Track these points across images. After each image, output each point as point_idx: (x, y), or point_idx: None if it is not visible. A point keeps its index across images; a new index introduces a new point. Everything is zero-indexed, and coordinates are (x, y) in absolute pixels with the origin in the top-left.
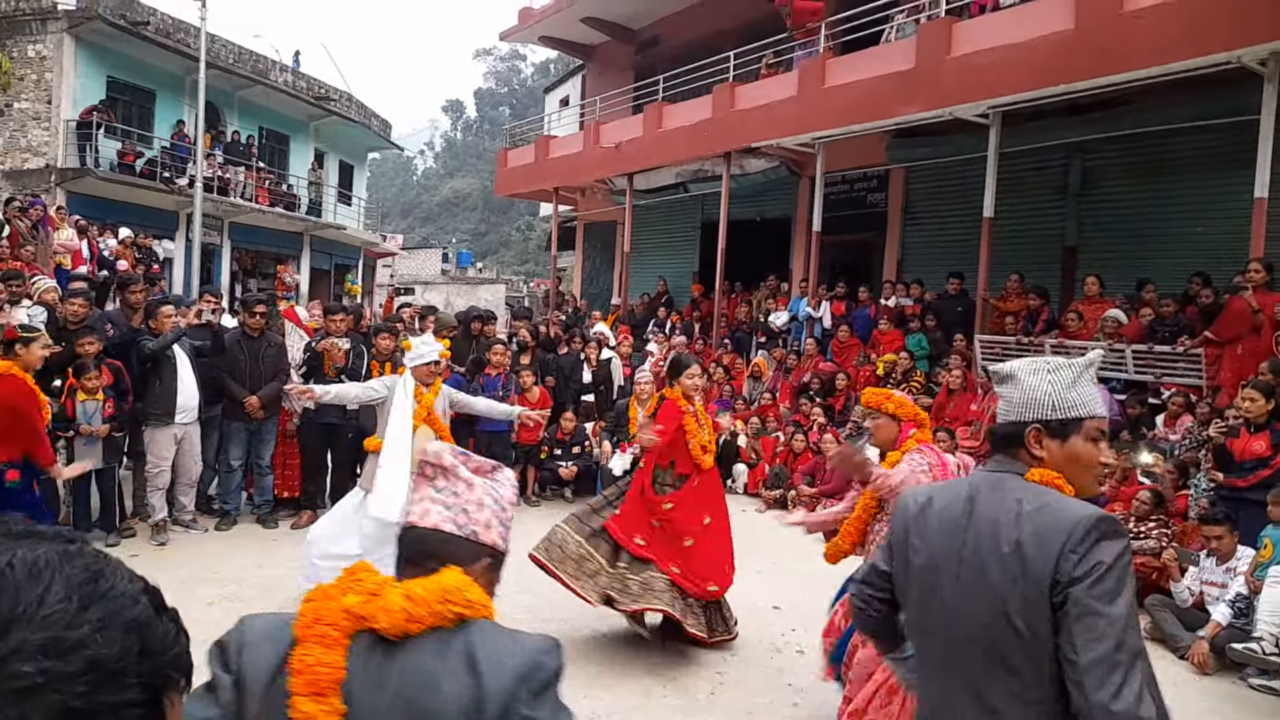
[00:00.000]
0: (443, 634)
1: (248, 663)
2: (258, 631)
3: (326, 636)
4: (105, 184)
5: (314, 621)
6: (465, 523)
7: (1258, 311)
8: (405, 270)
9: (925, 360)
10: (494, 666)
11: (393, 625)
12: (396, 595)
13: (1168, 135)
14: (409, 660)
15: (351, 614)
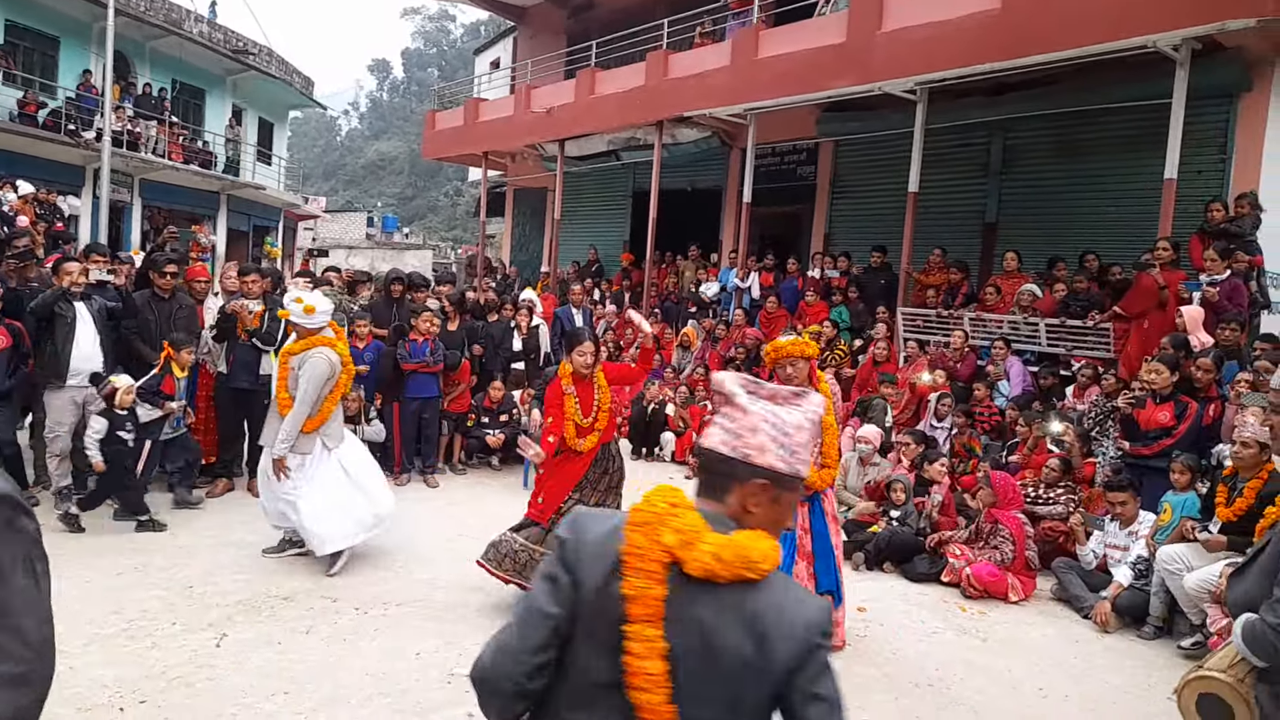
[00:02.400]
0: (740, 589)
1: (585, 568)
2: (592, 538)
3: (650, 571)
4: (4, 135)
5: (641, 554)
6: (738, 446)
7: (1164, 288)
8: (328, 234)
9: (848, 332)
10: (778, 636)
11: (700, 573)
12: (707, 552)
13: (1085, 117)
14: (708, 601)
15: (670, 552)
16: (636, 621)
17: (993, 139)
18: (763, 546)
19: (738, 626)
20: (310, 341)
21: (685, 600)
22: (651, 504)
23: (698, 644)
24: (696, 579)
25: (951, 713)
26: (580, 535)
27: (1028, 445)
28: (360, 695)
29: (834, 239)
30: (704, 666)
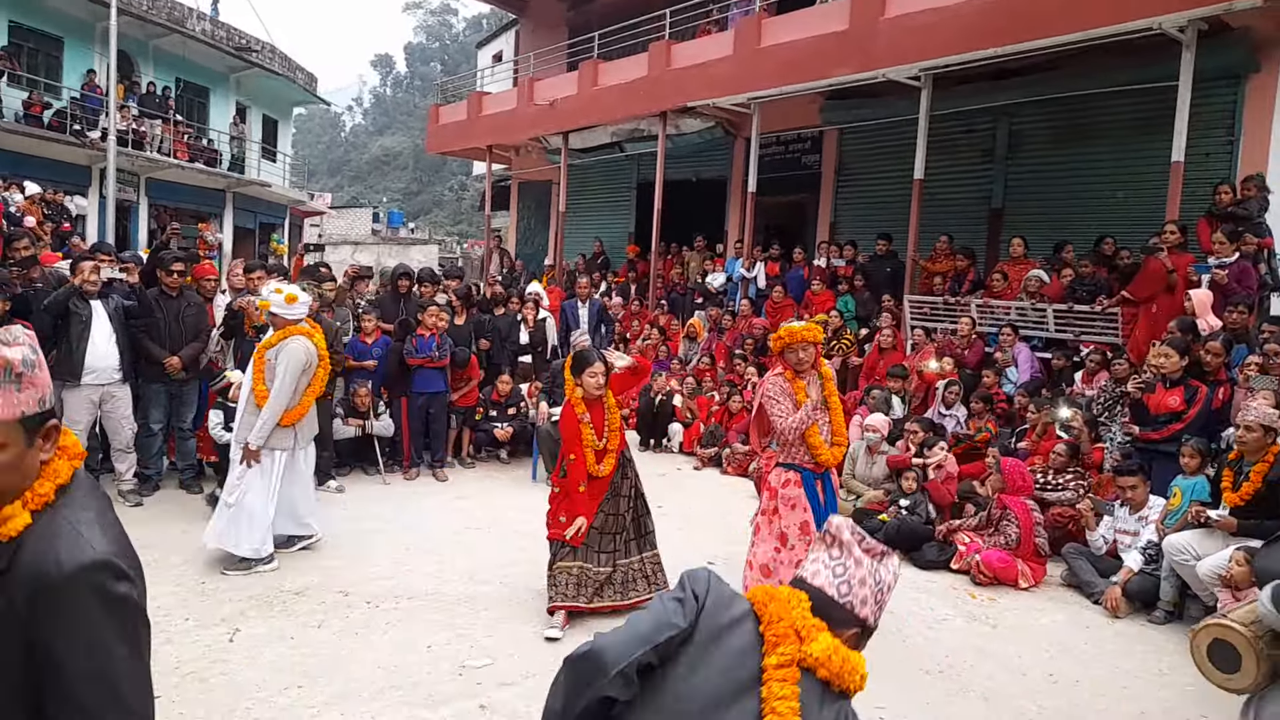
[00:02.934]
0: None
1: (709, 607)
2: (719, 596)
3: (787, 679)
4: (10, 136)
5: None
6: (847, 593)
7: (1172, 272)
8: (334, 230)
9: (854, 321)
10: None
11: (836, 684)
12: (837, 659)
13: (1091, 100)
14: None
15: (801, 663)
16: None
17: (998, 124)
18: (858, 661)
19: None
20: (287, 331)
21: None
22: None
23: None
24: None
25: (962, 700)
26: (711, 586)
27: (1036, 431)
28: (372, 688)
29: (840, 228)
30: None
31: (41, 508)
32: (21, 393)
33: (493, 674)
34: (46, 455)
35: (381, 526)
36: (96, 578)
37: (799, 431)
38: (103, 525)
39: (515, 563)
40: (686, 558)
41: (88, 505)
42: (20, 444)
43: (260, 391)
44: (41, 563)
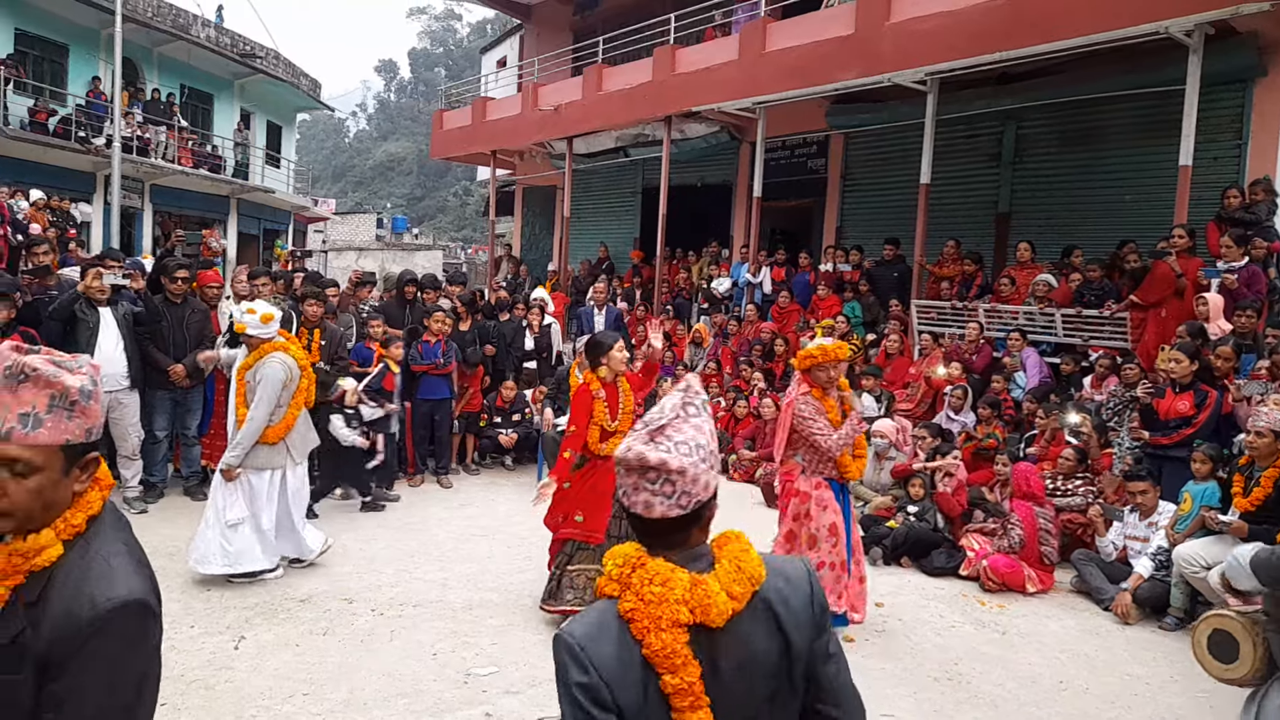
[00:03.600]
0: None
1: (622, 697)
2: (608, 661)
3: (679, 661)
4: (16, 143)
5: (662, 649)
6: (689, 502)
7: (1181, 276)
8: (338, 236)
9: (861, 326)
10: (793, 621)
11: (724, 619)
12: (721, 596)
13: (1098, 104)
14: (729, 634)
15: (685, 626)
16: (684, 711)
17: (1004, 128)
18: (748, 554)
19: (761, 628)
20: (262, 350)
21: (714, 647)
22: (632, 589)
23: (735, 671)
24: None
25: (971, 706)
26: (598, 666)
27: (1045, 436)
28: (378, 696)
29: (846, 232)
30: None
31: (73, 538)
32: (71, 421)
33: (498, 681)
34: (81, 487)
35: (386, 533)
36: (128, 619)
37: (843, 448)
38: (133, 559)
39: (520, 570)
40: None
41: (117, 537)
42: (58, 471)
43: (242, 415)
44: (75, 599)
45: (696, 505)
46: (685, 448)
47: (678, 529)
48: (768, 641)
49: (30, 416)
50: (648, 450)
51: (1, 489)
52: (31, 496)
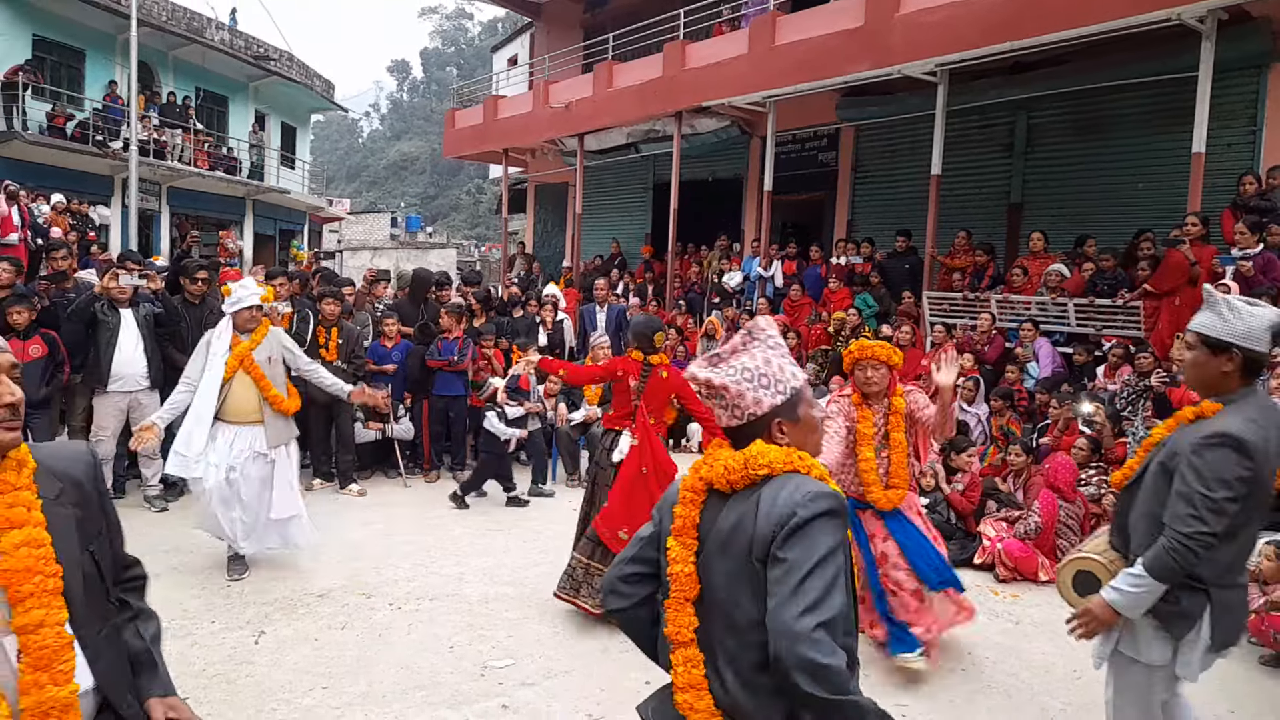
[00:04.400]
0: (752, 488)
1: (664, 512)
2: (671, 490)
3: (689, 499)
4: (35, 148)
5: (685, 487)
6: (740, 415)
7: (1195, 264)
8: (353, 235)
9: (874, 319)
10: (764, 515)
11: (719, 485)
12: (719, 466)
13: (1109, 93)
14: (728, 507)
15: (703, 479)
16: (674, 535)
17: (1015, 118)
18: (765, 451)
19: (749, 514)
20: (264, 328)
21: (719, 511)
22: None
23: (723, 539)
24: (727, 492)
25: (984, 696)
26: (667, 492)
27: (1058, 426)
28: (396, 689)
29: (857, 225)
30: (723, 554)
31: None
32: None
33: (515, 674)
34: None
35: (403, 529)
36: None
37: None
38: None
39: (536, 564)
40: None
41: None
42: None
43: (276, 396)
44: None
45: (749, 417)
46: (732, 370)
47: (739, 437)
48: (747, 526)
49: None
50: (698, 370)
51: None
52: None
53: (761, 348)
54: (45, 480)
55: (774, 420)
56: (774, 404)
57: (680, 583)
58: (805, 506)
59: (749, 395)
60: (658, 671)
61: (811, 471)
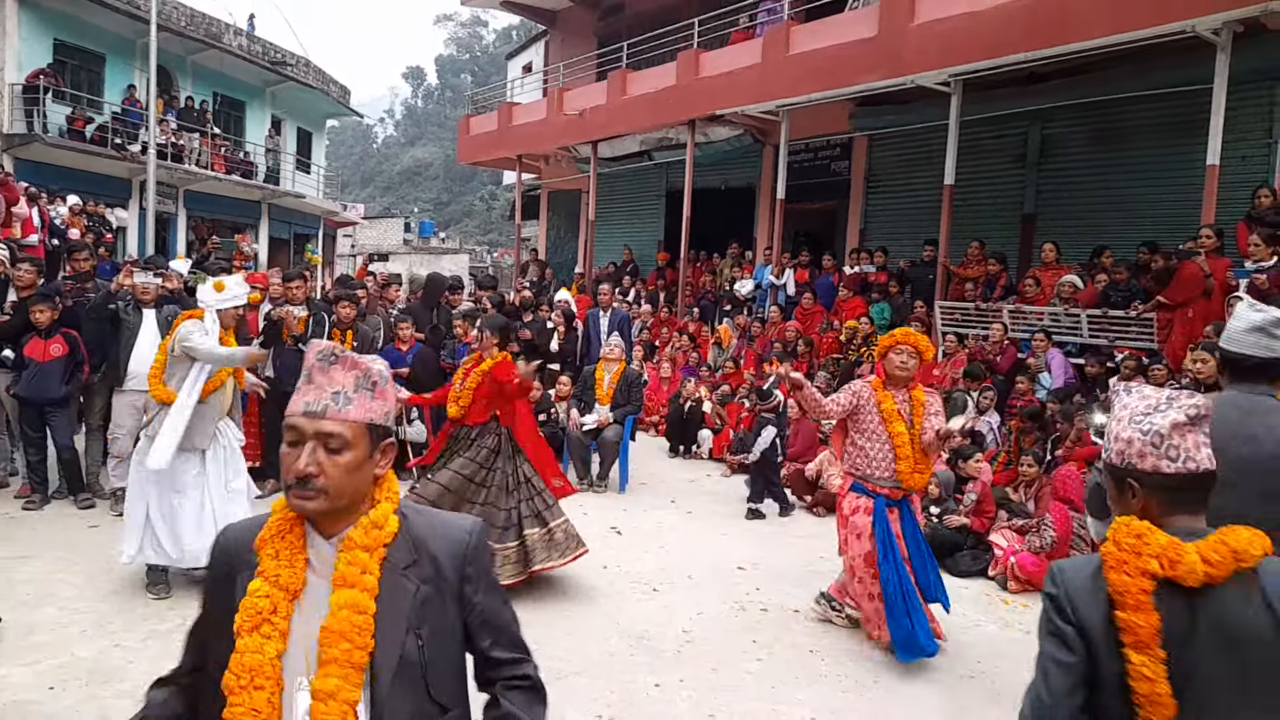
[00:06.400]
0: (1240, 578)
1: (1083, 615)
2: (1079, 585)
3: (1141, 603)
4: (54, 150)
5: (1124, 589)
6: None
7: (1209, 276)
8: (367, 240)
9: (885, 328)
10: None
11: (1193, 581)
12: (1195, 559)
13: (1124, 104)
14: (1213, 601)
15: (1154, 576)
16: (1136, 649)
17: (1029, 129)
18: (1252, 538)
19: (1253, 607)
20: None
21: (1188, 611)
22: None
23: (1222, 643)
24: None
25: (994, 705)
26: (1069, 589)
27: (1070, 437)
28: None
29: (870, 234)
30: (1230, 668)
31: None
32: (374, 401)
33: None
34: (380, 471)
35: None
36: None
37: (824, 414)
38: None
39: None
40: (717, 564)
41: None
42: (365, 450)
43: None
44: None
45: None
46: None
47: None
48: (1258, 622)
49: (341, 394)
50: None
51: (319, 465)
52: (344, 472)
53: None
54: (402, 548)
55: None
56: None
57: (1160, 706)
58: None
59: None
60: (668, 673)
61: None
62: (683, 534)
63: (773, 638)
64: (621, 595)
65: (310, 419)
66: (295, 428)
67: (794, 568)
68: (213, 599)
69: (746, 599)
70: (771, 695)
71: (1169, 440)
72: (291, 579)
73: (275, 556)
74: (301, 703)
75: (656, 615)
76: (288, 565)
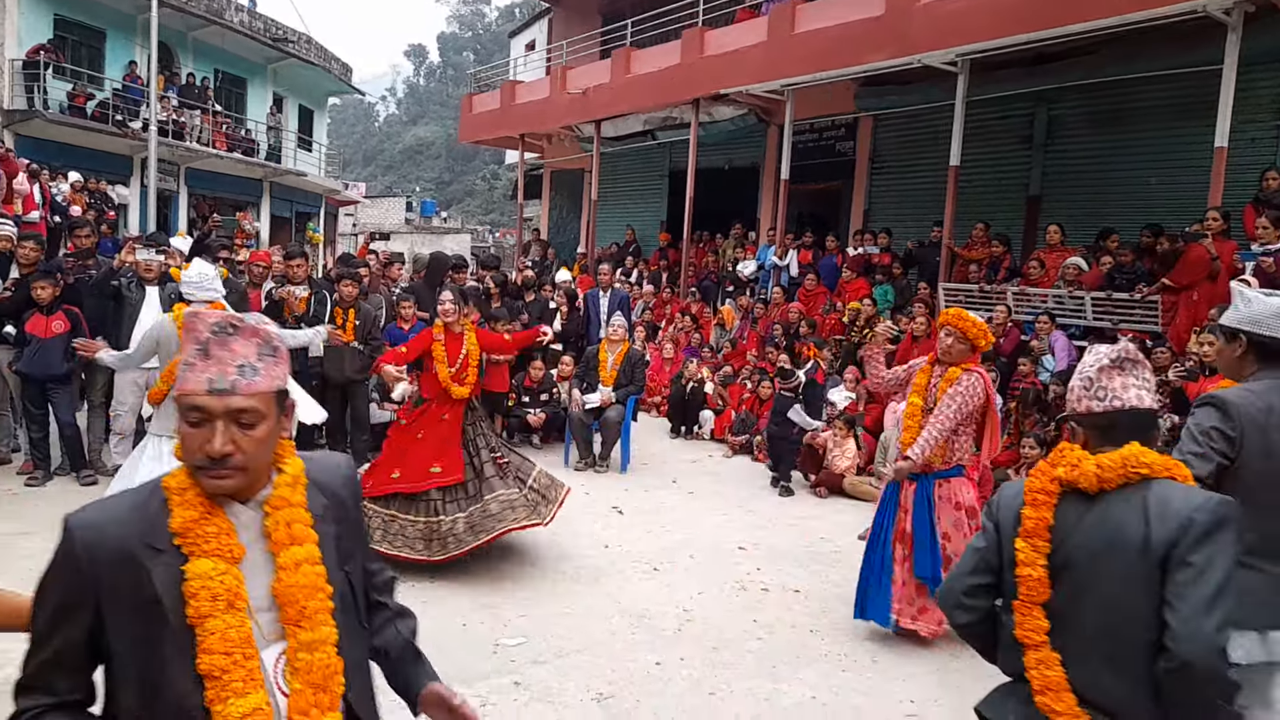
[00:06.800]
0: (1127, 489)
1: (1001, 514)
2: (1009, 493)
3: (1040, 501)
4: (55, 127)
5: (1033, 490)
6: (1154, 399)
7: (1215, 259)
8: (368, 219)
9: (887, 311)
10: (1157, 516)
11: (1089, 485)
12: (1091, 464)
13: (1132, 85)
14: (1100, 509)
15: (1059, 480)
16: (1023, 537)
17: (1036, 110)
18: (1144, 452)
19: (1134, 516)
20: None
21: (1083, 512)
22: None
23: (1103, 540)
24: (1093, 493)
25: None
26: (1000, 498)
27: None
28: None
29: (874, 215)
30: (1106, 555)
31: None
32: (277, 366)
33: (526, 652)
34: (285, 433)
35: None
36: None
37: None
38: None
39: (549, 545)
40: (718, 544)
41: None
42: (275, 418)
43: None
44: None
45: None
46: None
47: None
48: (1133, 531)
49: (247, 367)
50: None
51: (235, 443)
52: (258, 445)
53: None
54: (313, 496)
55: (1156, 417)
56: (1153, 407)
57: (1030, 586)
58: (1208, 512)
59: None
60: (669, 652)
61: (1188, 480)
62: (684, 514)
63: (774, 617)
64: (623, 574)
65: (218, 396)
66: (200, 408)
67: (795, 548)
68: (108, 601)
69: (747, 579)
70: (772, 674)
71: (1098, 382)
72: (235, 550)
73: (206, 538)
74: (269, 660)
75: (657, 594)
76: (226, 536)
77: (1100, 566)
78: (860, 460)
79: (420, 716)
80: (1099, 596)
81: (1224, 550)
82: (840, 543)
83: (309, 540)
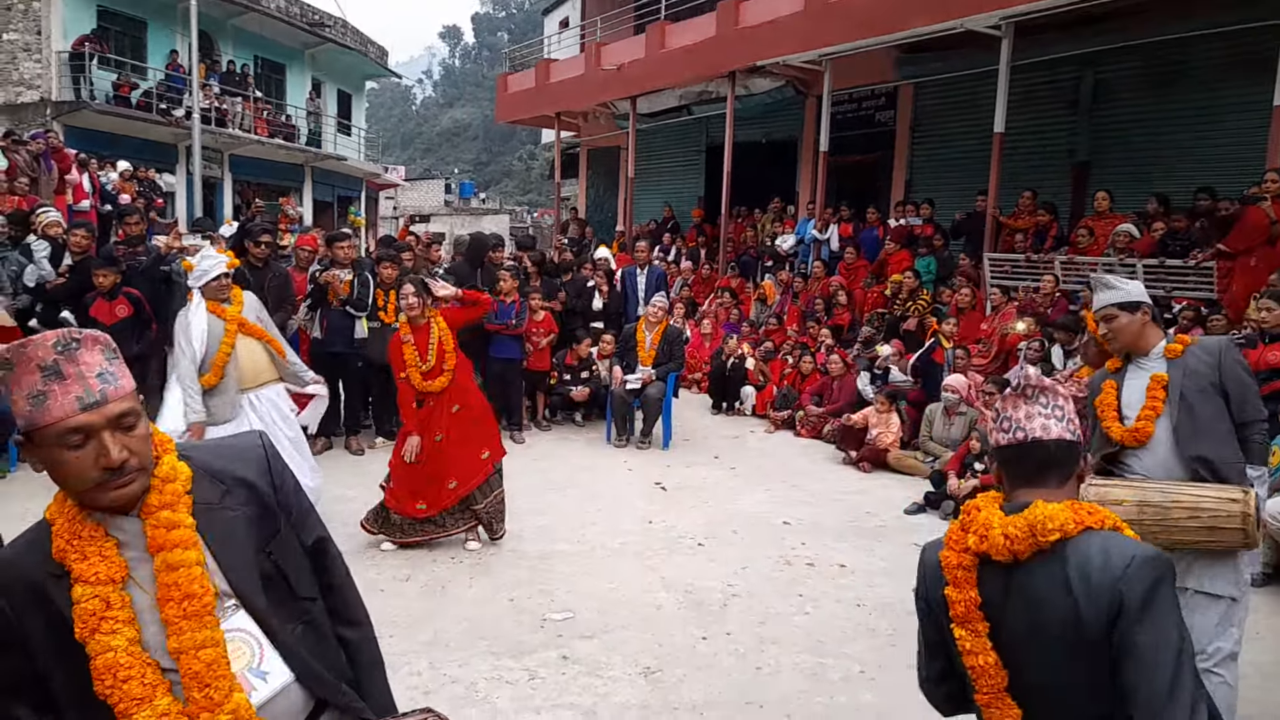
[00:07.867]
0: (1044, 554)
1: (930, 591)
2: (929, 562)
3: (960, 579)
4: (102, 117)
5: (950, 567)
6: (1075, 429)
7: (1275, 223)
8: (408, 202)
9: (930, 284)
10: (1081, 591)
11: (1001, 557)
12: (998, 533)
13: (1182, 44)
14: (1021, 578)
15: (973, 552)
16: (958, 624)
17: (1082, 73)
18: (1049, 513)
19: (1056, 588)
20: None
21: (1003, 582)
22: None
23: (1030, 620)
24: (1010, 564)
25: None
26: (925, 571)
27: None
28: (460, 639)
29: (915, 186)
30: (1035, 637)
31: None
32: (122, 362)
33: (573, 627)
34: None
35: None
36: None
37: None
38: None
39: (593, 521)
40: (762, 519)
41: None
42: (142, 411)
43: (280, 345)
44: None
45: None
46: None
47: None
48: (1058, 607)
49: (105, 373)
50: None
51: (127, 447)
52: (143, 442)
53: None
54: (205, 486)
55: (1080, 455)
56: (1076, 440)
57: (987, 676)
58: (1138, 582)
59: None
60: (715, 628)
61: (1105, 523)
62: (726, 490)
63: (819, 592)
64: (667, 550)
65: (94, 411)
66: (79, 428)
67: (839, 523)
68: (33, 634)
69: (792, 554)
70: (818, 649)
71: (1003, 414)
72: (110, 569)
73: (84, 557)
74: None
75: (702, 570)
76: (99, 558)
77: (1034, 645)
78: (905, 434)
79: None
80: (1041, 672)
81: (1167, 613)
82: (885, 517)
83: (178, 543)
